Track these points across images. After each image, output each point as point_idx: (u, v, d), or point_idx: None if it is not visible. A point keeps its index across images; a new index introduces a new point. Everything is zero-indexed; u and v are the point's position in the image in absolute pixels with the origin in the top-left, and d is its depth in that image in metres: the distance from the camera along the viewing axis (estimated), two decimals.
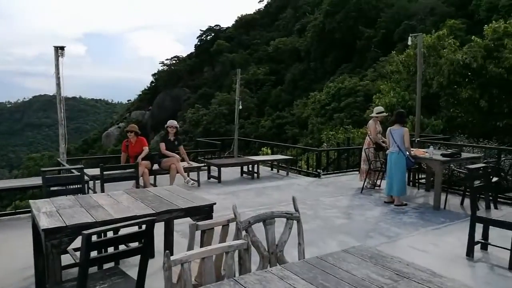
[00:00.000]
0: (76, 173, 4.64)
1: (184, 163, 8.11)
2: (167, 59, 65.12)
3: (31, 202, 3.49)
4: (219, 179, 8.74)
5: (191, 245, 2.61)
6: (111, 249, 3.09)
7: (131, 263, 3.72)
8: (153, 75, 64.63)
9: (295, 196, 3.07)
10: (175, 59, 64.01)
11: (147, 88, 66.08)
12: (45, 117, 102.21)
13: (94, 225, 2.94)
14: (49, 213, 3.12)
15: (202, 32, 65.75)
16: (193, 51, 65.88)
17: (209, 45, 61.39)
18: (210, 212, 3.52)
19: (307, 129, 30.95)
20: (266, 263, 2.71)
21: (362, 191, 7.65)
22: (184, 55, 65.70)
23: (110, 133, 55.73)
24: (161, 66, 63.97)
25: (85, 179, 5.64)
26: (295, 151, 13.92)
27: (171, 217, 3.35)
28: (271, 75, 47.99)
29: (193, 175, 8.52)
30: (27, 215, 5.80)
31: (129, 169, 5.09)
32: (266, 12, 65.86)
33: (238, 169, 9.67)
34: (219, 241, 2.80)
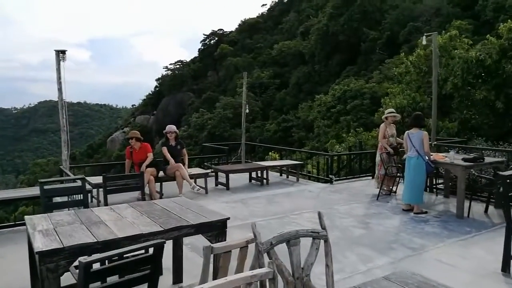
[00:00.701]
0: (77, 183, 4.32)
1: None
2: (170, 64, 65.11)
3: (26, 218, 3.17)
4: (227, 186, 8.41)
5: (206, 271, 2.28)
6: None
7: None
8: (157, 80, 64.63)
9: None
10: (178, 63, 63.97)
11: (151, 92, 66.07)
12: (50, 123, 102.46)
13: (94, 245, 2.62)
14: (45, 231, 2.80)
15: (205, 36, 65.70)
16: (197, 55, 65.85)
17: (212, 50, 61.35)
18: (223, 227, 3.19)
19: (313, 132, 30.59)
20: None
21: (378, 198, 7.29)
22: (187, 60, 65.65)
23: (114, 138, 55.64)
24: (165, 70, 63.92)
25: (88, 188, 5.35)
26: (301, 155, 13.58)
27: (180, 234, 3.02)
28: (275, 79, 47.73)
29: (200, 181, 8.21)
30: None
31: (134, 179, 4.75)
32: (269, 15, 65.75)
33: (246, 175, 9.34)
34: (236, 265, 2.47)
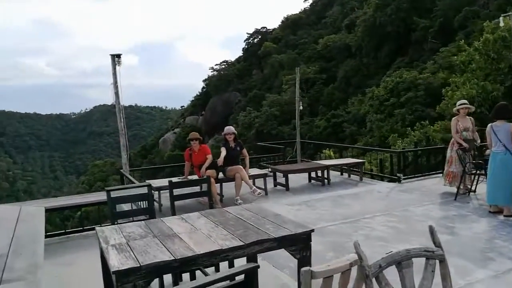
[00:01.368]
0: (143, 190, 4.16)
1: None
2: (216, 65, 65.80)
3: (98, 229, 3.01)
4: (286, 187, 8.06)
5: None
6: None
7: None
8: (204, 80, 65.56)
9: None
10: (224, 63, 64.55)
11: (198, 93, 67.23)
12: (106, 126, 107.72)
13: (172, 263, 2.36)
14: (118, 246, 2.60)
15: (249, 35, 65.78)
16: (241, 55, 66.13)
17: (256, 48, 61.31)
18: (307, 240, 2.84)
19: (365, 127, 29.48)
20: None
21: (456, 198, 6.62)
22: (230, 60, 66.13)
23: (166, 139, 57.22)
24: (211, 71, 64.76)
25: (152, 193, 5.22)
26: (353, 151, 12.95)
27: (261, 249, 2.71)
28: (322, 73, 46.75)
29: (258, 182, 7.93)
30: (94, 233, 5.48)
31: (200, 184, 4.53)
32: (312, 10, 64.61)
33: (305, 175, 8.94)
34: None
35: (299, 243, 2.78)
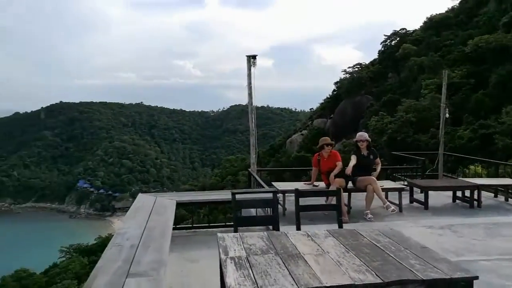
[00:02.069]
0: (268, 195, 3.93)
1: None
2: (349, 67, 64.23)
3: (219, 236, 2.85)
4: (425, 205, 7.07)
5: None
6: None
7: None
8: (335, 83, 64.63)
9: None
10: (357, 66, 62.70)
11: (329, 96, 66.63)
12: (239, 124, 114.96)
13: None
14: (237, 260, 2.36)
15: (386, 37, 62.54)
16: (376, 57, 63.34)
17: (393, 50, 57.95)
18: None
19: None
20: None
21: None
22: (363, 62, 63.79)
23: (293, 140, 58.14)
24: (343, 74, 63.41)
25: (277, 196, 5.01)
26: (508, 168, 10.86)
27: None
28: (469, 78, 41.57)
29: (391, 196, 7.13)
30: (219, 230, 5.53)
31: (329, 195, 4.11)
32: (461, 8, 58.08)
33: (447, 193, 7.76)
34: None
35: None
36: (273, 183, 6.80)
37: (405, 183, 8.02)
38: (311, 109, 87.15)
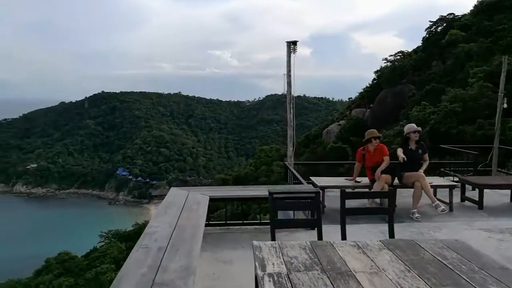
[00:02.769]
0: (308, 195, 3.54)
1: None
2: (390, 55, 61.87)
3: (255, 245, 2.50)
4: (480, 205, 6.42)
5: None
6: None
7: None
8: (375, 72, 62.53)
9: None
10: (399, 54, 60.24)
11: (368, 85, 64.65)
12: (275, 114, 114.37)
13: None
14: (277, 278, 2.00)
15: (431, 23, 59.52)
16: (419, 45, 60.57)
17: (439, 37, 55.08)
18: None
19: None
20: None
21: None
22: (406, 50, 61.18)
23: (330, 130, 56.97)
24: (384, 62, 61.16)
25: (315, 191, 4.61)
26: None
27: None
28: None
29: (440, 193, 6.54)
30: (253, 228, 5.21)
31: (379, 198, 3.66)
32: None
33: (504, 191, 7.04)
34: None
35: None
36: (311, 178, 6.38)
37: (455, 179, 7.38)
38: (349, 98, 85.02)
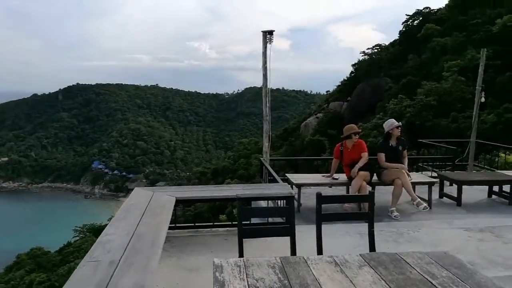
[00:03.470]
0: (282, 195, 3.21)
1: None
2: (368, 49, 62.33)
3: (215, 262, 2.16)
4: (458, 201, 6.27)
5: None
6: None
7: None
8: (353, 65, 62.89)
9: None
10: (376, 47, 60.75)
11: (346, 78, 65.02)
12: (253, 107, 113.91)
13: None
14: None
15: (408, 17, 60.23)
16: (396, 38, 61.26)
17: (415, 31, 55.84)
18: None
19: None
20: None
21: None
22: (384, 44, 61.81)
23: (308, 123, 57.09)
24: (362, 55, 61.56)
25: (290, 193, 4.30)
26: None
27: None
28: (495, 59, 39.66)
29: (420, 190, 6.36)
30: (225, 230, 4.86)
31: (357, 201, 3.37)
32: None
33: (480, 187, 6.94)
34: None
35: None
36: (287, 175, 6.08)
37: (433, 175, 7.23)
38: (327, 91, 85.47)
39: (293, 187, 5.76)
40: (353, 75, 62.49)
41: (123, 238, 3.17)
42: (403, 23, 62.57)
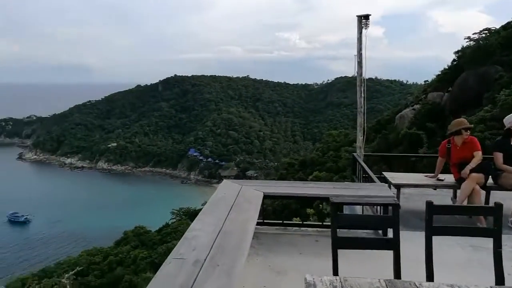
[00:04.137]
0: (384, 201, 2.79)
1: None
2: (474, 33, 56.03)
3: (307, 280, 1.87)
4: None
5: None
6: None
7: None
8: (456, 52, 57.12)
9: None
10: (484, 32, 54.31)
11: (447, 67, 59.41)
12: (344, 97, 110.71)
13: None
14: None
15: None
16: (509, 21, 54.00)
17: None
18: None
19: None
20: None
21: None
22: (494, 27, 54.92)
23: (403, 115, 53.50)
24: (466, 41, 55.64)
25: (390, 195, 3.82)
26: None
27: None
28: None
29: None
30: (314, 230, 4.56)
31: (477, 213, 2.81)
32: None
33: None
34: None
35: None
36: (384, 173, 5.52)
37: None
38: (425, 81, 79.19)
39: (391, 187, 5.22)
40: (455, 63, 56.84)
41: (209, 235, 3.05)
42: None
